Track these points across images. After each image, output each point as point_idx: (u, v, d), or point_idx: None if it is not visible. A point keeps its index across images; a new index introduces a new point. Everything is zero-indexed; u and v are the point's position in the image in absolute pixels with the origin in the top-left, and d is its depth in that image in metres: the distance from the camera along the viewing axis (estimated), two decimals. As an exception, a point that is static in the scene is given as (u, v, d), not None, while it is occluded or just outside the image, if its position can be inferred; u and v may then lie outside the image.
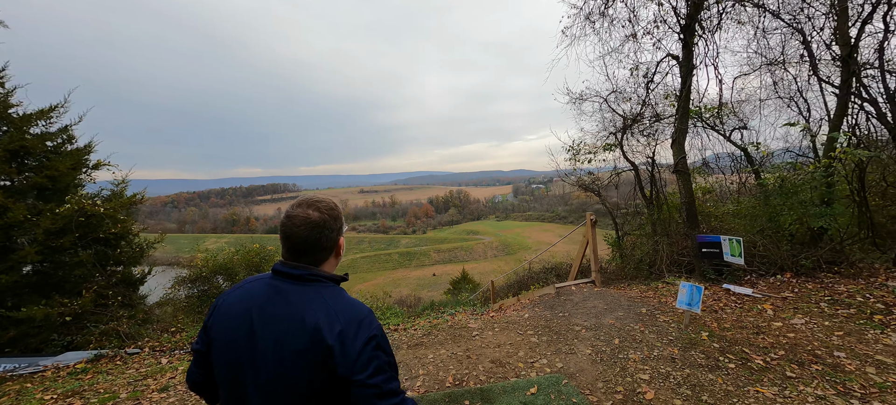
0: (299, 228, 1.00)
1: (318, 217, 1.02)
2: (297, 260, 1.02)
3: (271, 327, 0.95)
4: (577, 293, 5.12)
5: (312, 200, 1.06)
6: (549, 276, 12.94)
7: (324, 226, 1.02)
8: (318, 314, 0.94)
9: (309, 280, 1.00)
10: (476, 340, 3.90)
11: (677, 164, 5.47)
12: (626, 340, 3.52)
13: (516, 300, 6.32)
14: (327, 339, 0.91)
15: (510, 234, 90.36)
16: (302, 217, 1.01)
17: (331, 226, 1.04)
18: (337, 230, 1.07)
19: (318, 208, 1.03)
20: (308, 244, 1.01)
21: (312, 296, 0.98)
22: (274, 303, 0.97)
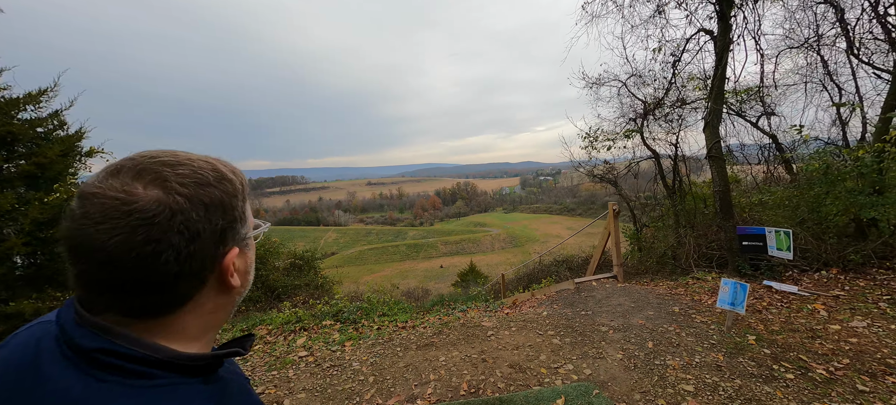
0: (98, 231, 0.40)
1: (158, 202, 0.42)
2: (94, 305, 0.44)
3: None
4: (599, 289, 4.74)
5: (159, 162, 0.45)
6: (561, 269, 12.55)
7: (171, 225, 0.42)
8: None
9: (104, 367, 0.42)
10: (491, 341, 3.57)
11: (711, 148, 5.02)
12: (662, 344, 3.15)
13: (531, 295, 5.98)
14: None
15: (518, 226, 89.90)
16: (111, 201, 0.41)
17: (193, 227, 0.44)
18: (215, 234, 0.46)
19: (163, 181, 0.43)
20: (120, 269, 0.41)
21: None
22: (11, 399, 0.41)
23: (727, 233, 4.86)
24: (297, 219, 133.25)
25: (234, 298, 0.52)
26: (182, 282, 0.44)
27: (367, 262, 68.55)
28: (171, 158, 0.45)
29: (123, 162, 0.44)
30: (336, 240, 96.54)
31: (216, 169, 0.48)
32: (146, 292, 0.42)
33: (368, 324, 4.58)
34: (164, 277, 0.42)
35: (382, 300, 5.85)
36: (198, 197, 0.44)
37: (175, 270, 0.42)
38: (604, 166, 9.49)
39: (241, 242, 0.51)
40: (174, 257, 0.42)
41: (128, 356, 0.42)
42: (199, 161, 0.47)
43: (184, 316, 0.47)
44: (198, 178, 0.45)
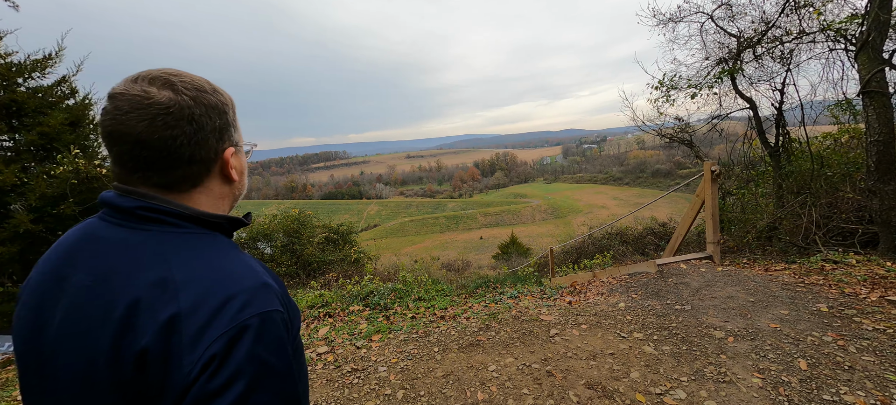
0: (129, 117, 0.52)
1: (171, 99, 0.54)
2: (130, 180, 0.56)
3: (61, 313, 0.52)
4: (692, 274, 3.67)
5: (166, 73, 0.56)
6: (614, 243, 11.18)
7: (183, 116, 0.55)
8: (141, 289, 0.50)
9: (145, 218, 0.55)
10: (556, 344, 2.71)
11: (869, 81, 3.61)
12: (821, 364, 2.12)
13: (592, 276, 5.00)
14: (141, 338, 0.47)
15: (560, 197, 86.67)
16: (136, 97, 0.53)
17: (199, 120, 0.57)
18: (217, 129, 0.60)
19: (171, 85, 0.55)
20: (149, 148, 0.53)
21: (146, 250, 0.53)
22: (76, 263, 0.54)
23: (886, 200, 3.52)
24: (341, 193, 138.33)
25: (234, 192, 0.67)
26: (194, 165, 0.58)
27: (407, 234, 69.75)
28: (176, 71, 0.59)
29: (139, 74, 0.57)
30: (378, 212, 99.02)
31: (211, 84, 0.61)
32: (168, 168, 0.56)
33: (401, 311, 3.90)
34: (180, 158, 0.56)
35: (419, 280, 5.17)
36: (199, 98, 0.58)
37: (188, 153, 0.57)
38: (676, 125, 8.00)
39: (235, 145, 0.64)
40: (187, 142, 0.56)
41: (163, 210, 0.56)
42: (198, 77, 0.60)
43: (198, 196, 0.61)
44: (198, 85, 0.59)
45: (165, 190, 0.57)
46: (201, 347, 0.47)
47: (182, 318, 0.48)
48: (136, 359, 0.47)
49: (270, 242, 7.53)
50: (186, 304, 0.49)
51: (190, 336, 0.47)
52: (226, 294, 0.51)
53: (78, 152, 3.90)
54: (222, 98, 0.61)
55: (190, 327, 0.48)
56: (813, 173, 4.98)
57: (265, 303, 0.53)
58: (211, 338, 0.47)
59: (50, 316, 0.53)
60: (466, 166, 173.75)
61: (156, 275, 0.51)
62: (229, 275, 0.53)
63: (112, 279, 0.52)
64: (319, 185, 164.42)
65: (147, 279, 0.51)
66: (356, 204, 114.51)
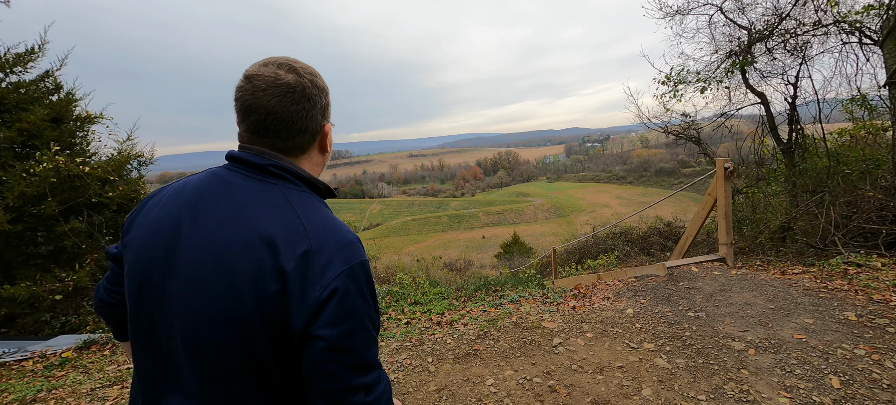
0: (264, 94, 0.66)
1: (296, 81, 0.68)
2: (257, 143, 0.69)
3: (201, 233, 0.63)
4: (704, 277, 3.45)
5: (289, 60, 0.70)
6: (619, 243, 10.97)
7: (304, 94, 0.68)
8: (278, 226, 0.62)
9: (273, 174, 0.68)
10: (560, 355, 2.51)
11: (894, 73, 3.38)
12: (855, 381, 1.91)
13: (597, 278, 4.79)
14: (282, 261, 0.60)
15: (563, 196, 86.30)
16: (269, 77, 0.66)
17: (314, 99, 0.70)
18: (322, 108, 0.73)
19: (295, 70, 0.68)
20: (278, 119, 0.67)
21: (274, 198, 0.66)
22: (213, 199, 0.65)
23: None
24: (344, 192, 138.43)
25: (325, 162, 0.80)
26: (307, 135, 0.72)
27: (410, 233, 69.64)
28: (293, 59, 0.70)
29: (268, 59, 0.69)
30: (380, 211, 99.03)
31: (318, 72, 0.73)
32: (289, 136, 0.69)
33: (396, 316, 3.71)
34: (299, 128, 0.69)
35: (417, 282, 4.98)
36: (314, 81, 0.70)
37: (304, 125, 0.70)
38: (683, 121, 7.75)
39: (329, 120, 0.77)
40: (304, 115, 0.69)
41: (288, 169, 0.69)
42: (308, 64, 0.72)
43: (303, 161, 0.74)
44: (312, 71, 0.71)
45: (284, 153, 0.70)
46: (328, 277, 0.60)
47: (313, 253, 0.61)
48: (278, 277, 0.59)
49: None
50: (315, 244, 0.62)
51: (319, 267, 0.60)
52: (340, 241, 0.64)
53: (58, 150, 3.73)
54: (324, 83, 0.73)
55: (319, 260, 0.61)
56: (829, 171, 4.74)
57: (363, 253, 0.66)
58: (335, 271, 0.61)
59: (187, 238, 0.63)
60: (469, 165, 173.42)
61: (290, 218, 0.63)
62: (339, 229, 0.66)
63: (248, 215, 0.63)
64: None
65: (283, 220, 0.63)
66: (359, 203, 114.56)
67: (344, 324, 0.60)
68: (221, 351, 0.60)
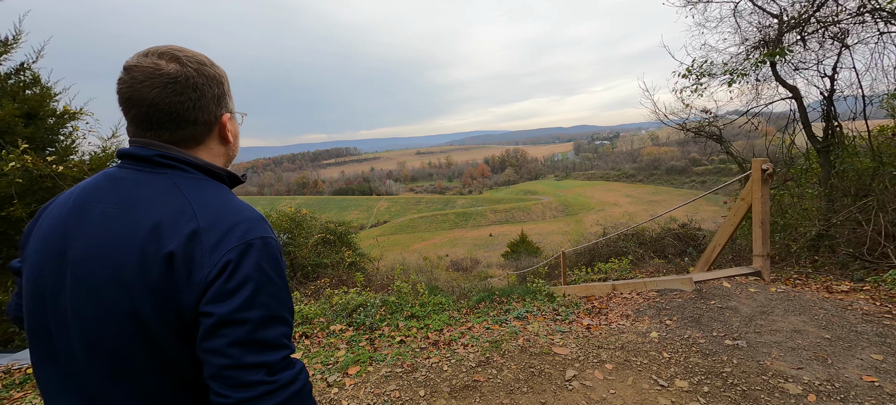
0: (143, 86, 0.63)
1: (178, 70, 0.65)
2: (144, 136, 0.67)
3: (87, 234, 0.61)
4: (739, 295, 3.02)
5: (172, 49, 0.67)
6: (630, 245, 10.48)
7: (188, 84, 0.66)
8: (163, 212, 0.61)
9: (161, 163, 0.66)
10: (574, 392, 2.12)
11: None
12: (959, 448, 1.49)
13: (611, 289, 4.38)
14: (166, 243, 0.59)
15: (571, 194, 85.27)
16: (148, 68, 0.63)
17: (201, 88, 0.67)
18: (215, 97, 0.70)
19: (177, 59, 0.66)
20: (160, 111, 0.64)
21: (162, 187, 0.64)
22: (98, 197, 0.64)
23: None
24: (352, 190, 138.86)
25: (229, 153, 0.76)
26: (198, 126, 0.68)
27: (417, 230, 69.45)
28: (179, 48, 0.67)
29: (149, 49, 0.65)
30: (388, 208, 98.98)
31: (209, 59, 0.70)
32: (176, 128, 0.66)
33: (390, 332, 3.35)
34: (187, 119, 0.66)
35: (417, 289, 4.62)
36: (201, 70, 0.67)
37: (193, 116, 0.67)
38: (704, 117, 7.26)
39: (230, 112, 0.74)
40: (191, 106, 0.66)
41: (176, 157, 0.66)
42: (197, 52, 0.68)
43: (201, 153, 0.71)
44: (198, 58, 0.68)
45: (176, 144, 0.68)
46: (218, 254, 0.59)
47: (201, 232, 0.60)
48: (163, 260, 0.58)
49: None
50: (204, 223, 0.60)
51: (209, 245, 0.59)
52: (235, 219, 0.63)
53: (26, 147, 3.44)
54: (219, 71, 0.71)
55: (209, 239, 0.59)
56: (874, 172, 4.25)
57: (265, 230, 0.64)
58: (226, 248, 0.59)
59: (73, 241, 0.61)
60: (476, 163, 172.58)
61: (175, 202, 0.62)
62: (235, 207, 0.65)
63: (134, 206, 0.62)
64: (330, 181, 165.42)
65: (168, 205, 0.61)
66: (366, 200, 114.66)
67: (234, 297, 0.58)
68: (123, 348, 0.59)
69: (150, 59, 0.63)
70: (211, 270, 0.57)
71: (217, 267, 0.57)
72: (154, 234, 0.58)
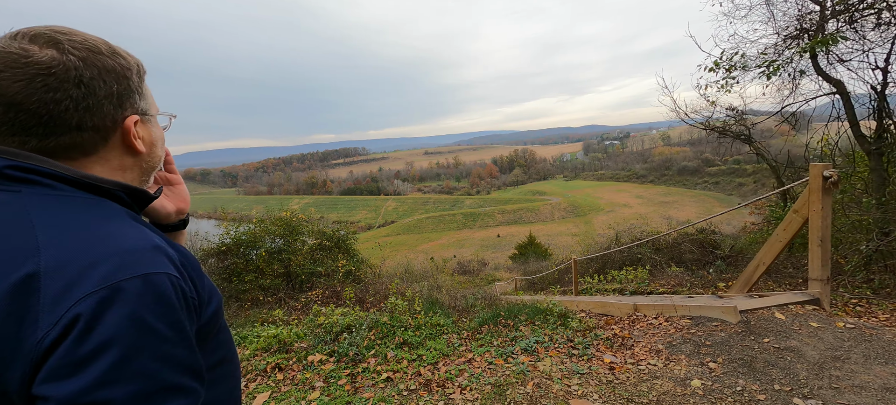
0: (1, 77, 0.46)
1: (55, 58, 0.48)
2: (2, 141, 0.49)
3: None
4: (799, 330, 2.47)
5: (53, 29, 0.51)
6: (645, 251, 9.82)
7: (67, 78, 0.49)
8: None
9: (15, 178, 0.48)
10: (600, 471, 1.62)
11: None
12: None
13: (633, 309, 3.86)
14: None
15: (580, 195, 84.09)
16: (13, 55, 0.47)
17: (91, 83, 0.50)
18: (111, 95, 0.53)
19: (57, 43, 0.49)
20: (24, 111, 0.47)
21: (9, 210, 0.47)
22: None
23: None
24: (360, 189, 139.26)
25: (142, 164, 0.59)
26: (85, 132, 0.51)
27: (424, 230, 69.11)
28: (66, 29, 0.51)
29: (20, 30, 0.50)
30: (395, 208, 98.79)
31: (109, 45, 0.54)
32: (49, 134, 0.49)
33: (376, 365, 2.87)
34: (66, 124, 0.49)
35: (414, 308, 4.15)
36: (91, 60, 0.50)
37: (76, 119, 0.50)
38: (731, 115, 6.66)
39: (141, 113, 0.57)
40: (73, 106, 0.49)
41: (36, 169, 0.48)
42: (93, 37, 0.53)
43: (92, 165, 0.53)
44: (90, 45, 0.51)
45: (47, 155, 0.51)
46: (63, 307, 0.40)
47: (41, 276, 0.42)
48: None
49: (256, 250, 6.67)
50: (49, 263, 0.43)
51: (51, 296, 0.41)
52: (100, 252, 0.44)
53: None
54: (123, 61, 0.55)
55: (51, 286, 0.41)
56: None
57: (151, 265, 0.45)
58: (76, 296, 0.41)
59: None
60: (484, 163, 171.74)
61: (16, 234, 0.45)
62: (108, 235, 0.47)
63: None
64: (339, 180, 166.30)
65: (14, 240, 0.44)
66: (374, 200, 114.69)
67: (87, 370, 0.39)
68: None
69: (17, 42, 0.48)
70: (50, 331, 0.39)
71: (61, 324, 0.39)
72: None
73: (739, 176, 71.05)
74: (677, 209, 60.63)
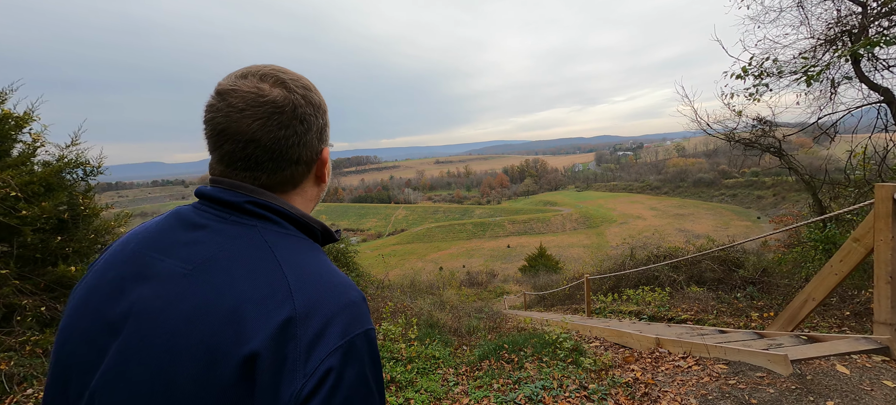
0: (243, 116, 0.49)
1: (285, 97, 0.51)
2: (235, 175, 0.53)
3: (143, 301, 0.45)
4: (871, 390, 1.99)
5: (275, 70, 0.54)
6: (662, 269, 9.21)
7: (296, 115, 0.52)
8: (247, 284, 0.45)
9: (252, 213, 0.51)
10: None
11: None
12: None
13: (656, 344, 3.41)
14: (249, 339, 0.41)
15: (592, 206, 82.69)
16: (249, 93, 0.50)
17: (308, 120, 0.54)
18: (319, 129, 0.57)
19: (283, 83, 0.52)
20: (261, 147, 0.51)
21: (249, 245, 0.48)
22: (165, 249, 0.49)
23: None
24: (371, 197, 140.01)
25: (321, 194, 0.64)
26: (300, 166, 0.55)
27: (433, 240, 68.70)
28: (283, 69, 0.55)
29: (247, 69, 0.53)
30: (405, 217, 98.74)
31: (313, 84, 0.58)
32: (276, 169, 0.53)
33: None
34: (289, 158, 0.53)
35: (410, 335, 3.76)
36: (308, 97, 0.54)
37: (296, 154, 0.54)
38: (759, 127, 6.15)
39: (326, 143, 0.61)
40: (297, 142, 0.53)
41: (272, 207, 0.52)
42: (301, 75, 0.56)
43: (295, 197, 0.57)
44: (305, 83, 0.55)
45: (269, 190, 0.54)
46: (316, 359, 0.42)
47: (297, 323, 0.43)
48: (242, 363, 0.41)
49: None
50: (301, 309, 0.44)
51: (306, 342, 0.42)
52: (339, 303, 0.47)
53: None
54: (322, 98, 0.59)
55: (306, 332, 0.43)
56: None
57: (367, 320, 0.48)
58: (327, 349, 0.43)
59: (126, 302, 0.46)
60: (495, 172, 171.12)
61: (267, 270, 0.46)
62: (337, 285, 0.49)
63: (212, 271, 0.46)
64: (350, 188, 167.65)
65: (255, 273, 0.46)
66: (384, 208, 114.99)
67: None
68: None
69: (250, 81, 0.51)
70: (306, 381, 0.41)
71: (316, 377, 0.41)
72: (233, 318, 0.42)
73: (758, 188, 68.81)
74: (693, 222, 58.93)
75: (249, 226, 0.50)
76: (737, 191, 74.46)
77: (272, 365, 0.40)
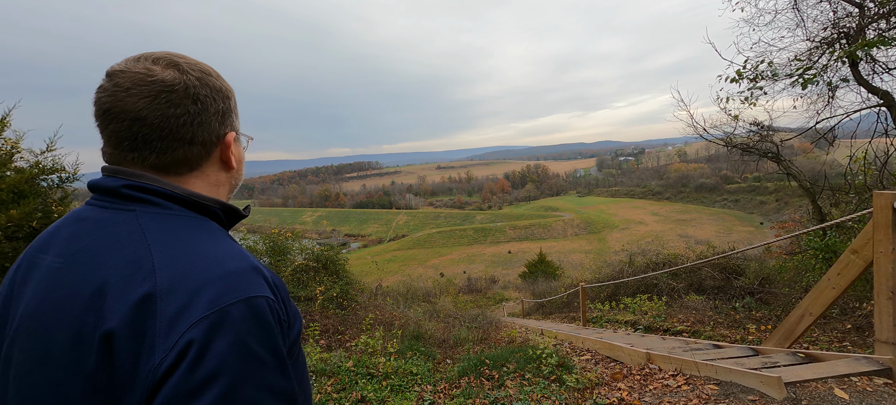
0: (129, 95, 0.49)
1: (176, 78, 0.52)
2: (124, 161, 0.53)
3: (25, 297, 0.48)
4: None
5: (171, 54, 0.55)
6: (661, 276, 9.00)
7: (187, 95, 0.52)
8: (111, 268, 0.45)
9: (128, 197, 0.51)
10: None
11: None
12: None
13: (646, 359, 3.24)
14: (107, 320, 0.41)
15: (593, 211, 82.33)
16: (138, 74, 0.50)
17: (204, 101, 0.54)
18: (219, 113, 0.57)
19: (176, 65, 0.53)
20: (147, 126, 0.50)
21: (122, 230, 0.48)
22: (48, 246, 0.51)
23: None
24: (372, 203, 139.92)
25: (231, 180, 0.62)
26: (194, 147, 0.54)
27: (434, 245, 68.42)
28: (180, 55, 0.55)
29: (142, 54, 0.53)
30: (407, 222, 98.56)
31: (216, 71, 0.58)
32: (166, 149, 0.52)
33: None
34: (181, 138, 0.52)
35: (390, 347, 3.60)
36: (205, 80, 0.54)
37: (190, 134, 0.53)
38: (757, 131, 6.01)
39: (236, 131, 0.61)
40: (189, 121, 0.52)
41: (150, 189, 0.51)
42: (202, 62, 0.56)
43: (194, 180, 0.56)
44: (203, 68, 0.55)
45: (161, 171, 0.54)
46: (176, 333, 0.41)
47: (157, 298, 0.42)
48: (100, 343, 0.41)
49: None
50: (163, 284, 0.43)
51: (166, 320, 0.41)
52: (209, 275, 0.45)
53: None
54: (226, 84, 0.59)
55: (166, 309, 0.42)
56: None
57: (252, 288, 0.46)
58: (188, 322, 0.41)
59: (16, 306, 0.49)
60: (496, 178, 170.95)
61: (130, 253, 0.46)
62: (213, 257, 0.47)
63: (81, 259, 0.47)
64: (352, 194, 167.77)
65: (120, 258, 0.46)
66: (386, 213, 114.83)
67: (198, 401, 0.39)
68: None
69: (141, 64, 0.51)
70: (166, 357, 0.40)
71: (176, 350, 0.40)
72: (96, 302, 0.43)
73: (760, 194, 68.32)
74: (696, 227, 58.50)
75: (128, 212, 0.50)
76: (739, 196, 73.98)
77: (129, 342, 0.40)
